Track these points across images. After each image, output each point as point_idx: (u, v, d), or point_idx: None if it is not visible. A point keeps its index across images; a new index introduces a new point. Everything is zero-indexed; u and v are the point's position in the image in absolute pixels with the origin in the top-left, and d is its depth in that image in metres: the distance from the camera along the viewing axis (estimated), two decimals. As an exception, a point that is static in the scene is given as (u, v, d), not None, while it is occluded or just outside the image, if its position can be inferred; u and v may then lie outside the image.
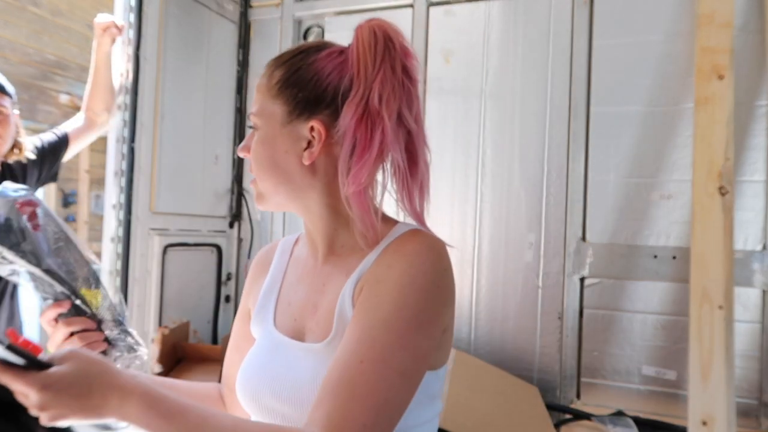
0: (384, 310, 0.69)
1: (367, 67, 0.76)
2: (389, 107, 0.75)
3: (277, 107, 0.79)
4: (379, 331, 0.68)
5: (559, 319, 2.08)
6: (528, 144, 2.16)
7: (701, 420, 1.59)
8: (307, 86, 0.78)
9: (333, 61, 0.79)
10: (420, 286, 0.71)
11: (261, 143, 0.80)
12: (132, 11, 2.04)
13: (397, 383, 0.67)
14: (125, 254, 2.03)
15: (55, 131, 2.02)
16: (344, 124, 0.75)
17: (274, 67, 0.82)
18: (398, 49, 0.78)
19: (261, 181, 0.82)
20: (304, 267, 0.88)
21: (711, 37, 1.75)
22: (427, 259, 0.73)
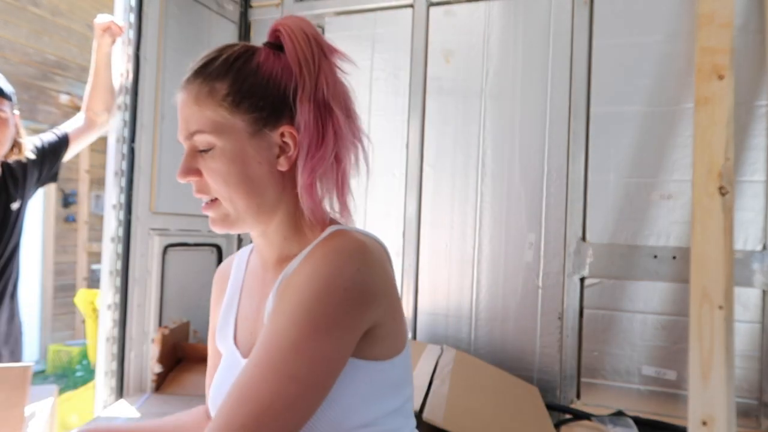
0: (284, 316, 0.68)
1: (308, 64, 0.75)
2: (337, 99, 0.76)
3: (238, 120, 0.75)
4: (274, 336, 0.68)
5: (559, 319, 2.08)
6: (528, 144, 2.16)
7: (701, 420, 1.59)
8: (266, 92, 0.76)
9: (277, 63, 0.77)
10: (319, 290, 0.68)
11: (228, 161, 0.75)
12: (132, 11, 2.04)
13: (288, 388, 0.65)
14: (125, 254, 2.03)
15: (55, 131, 2.02)
16: (302, 121, 0.75)
17: (209, 79, 0.77)
18: (326, 46, 0.78)
19: (231, 201, 0.77)
20: (255, 279, 0.87)
21: (711, 37, 1.75)
22: (333, 263, 0.70)
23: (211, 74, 0.77)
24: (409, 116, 2.34)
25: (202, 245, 2.43)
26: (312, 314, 0.67)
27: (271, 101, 0.76)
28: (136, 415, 1.82)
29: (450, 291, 2.26)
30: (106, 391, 1.99)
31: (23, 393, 1.24)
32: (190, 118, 0.77)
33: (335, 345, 0.68)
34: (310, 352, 0.67)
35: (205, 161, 0.77)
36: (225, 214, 0.79)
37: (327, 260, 0.70)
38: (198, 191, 0.79)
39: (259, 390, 0.65)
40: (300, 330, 0.67)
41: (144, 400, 1.98)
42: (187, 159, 0.78)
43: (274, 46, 0.79)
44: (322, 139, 0.75)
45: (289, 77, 0.76)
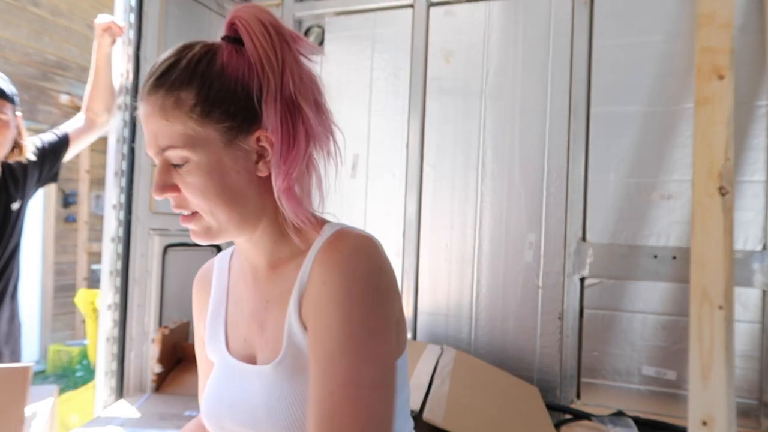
0: (334, 334, 0.67)
1: (270, 59, 0.70)
2: (304, 95, 0.72)
3: (210, 131, 0.70)
4: (337, 357, 0.66)
5: (559, 319, 2.08)
6: (528, 144, 2.16)
7: (701, 420, 1.59)
8: (235, 97, 0.71)
9: (241, 61, 0.71)
10: (359, 295, 0.68)
11: (206, 174, 0.71)
12: (132, 11, 2.04)
13: (372, 399, 0.65)
14: (125, 254, 2.03)
15: (55, 131, 2.02)
16: (270, 123, 0.71)
17: (173, 89, 0.70)
18: (287, 34, 0.72)
19: (212, 214, 0.73)
20: (244, 284, 0.84)
21: (711, 37, 1.75)
22: (358, 266, 0.70)
23: (174, 83, 0.70)
24: (409, 116, 2.34)
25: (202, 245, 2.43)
26: (361, 322, 0.67)
27: (242, 106, 0.71)
28: (137, 415, 1.82)
29: (450, 291, 2.26)
30: (106, 391, 1.99)
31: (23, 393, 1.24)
32: (159, 132, 0.71)
33: (388, 344, 0.70)
34: (375, 357, 0.67)
35: (181, 176, 0.72)
36: (207, 227, 0.75)
37: (353, 263, 0.70)
38: (177, 206, 0.75)
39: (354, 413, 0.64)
40: (361, 339, 0.67)
41: (144, 400, 1.98)
42: (162, 174, 0.73)
43: (234, 41, 0.73)
44: (293, 140, 0.71)
45: (254, 76, 0.71)
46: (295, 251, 0.78)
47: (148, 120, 0.72)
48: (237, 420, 0.76)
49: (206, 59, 0.71)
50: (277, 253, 0.79)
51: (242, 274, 0.85)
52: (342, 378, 0.66)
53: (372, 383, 0.66)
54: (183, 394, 2.03)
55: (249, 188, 0.74)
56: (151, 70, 0.73)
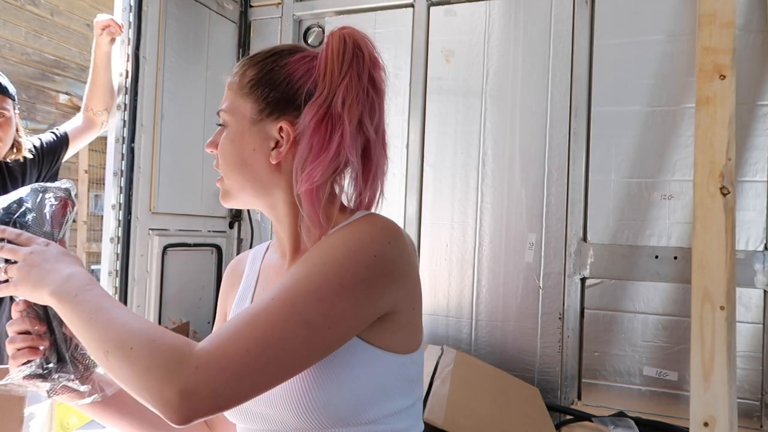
0: (309, 264, 0.70)
1: (333, 72, 0.77)
2: (351, 112, 0.77)
3: (248, 105, 0.81)
4: (296, 279, 0.68)
5: (560, 319, 2.08)
6: (529, 144, 2.16)
7: (703, 421, 1.58)
8: (278, 87, 0.80)
9: (304, 65, 0.80)
10: (351, 248, 0.70)
11: (229, 140, 0.82)
12: (132, 11, 2.03)
13: (298, 330, 0.65)
14: (125, 255, 2.02)
15: (54, 131, 2.02)
16: (303, 124, 0.76)
17: (247, 66, 0.83)
18: (367, 59, 0.80)
19: (227, 179, 0.84)
20: (275, 270, 0.89)
21: (712, 37, 1.75)
22: (368, 230, 0.73)
23: (250, 62, 0.83)
24: (410, 116, 2.33)
25: (201, 245, 2.43)
26: (341, 269, 0.68)
27: (280, 95, 0.79)
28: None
29: (450, 291, 2.25)
30: (105, 392, 1.98)
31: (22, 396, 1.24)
32: (226, 96, 0.84)
33: (354, 306, 0.69)
34: (330, 304, 0.67)
35: (220, 137, 0.83)
36: (225, 189, 0.85)
37: (361, 228, 0.73)
38: (215, 164, 0.85)
39: (271, 322, 0.64)
40: (326, 280, 0.67)
41: (143, 401, 1.97)
42: (215, 133, 0.85)
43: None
44: (326, 146, 0.76)
45: (308, 79, 0.79)
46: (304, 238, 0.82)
47: (227, 87, 0.84)
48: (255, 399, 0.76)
49: (282, 54, 0.82)
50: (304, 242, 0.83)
51: (273, 262, 0.91)
52: (287, 296, 0.66)
53: (309, 321, 0.65)
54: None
55: (260, 168, 0.81)
56: None
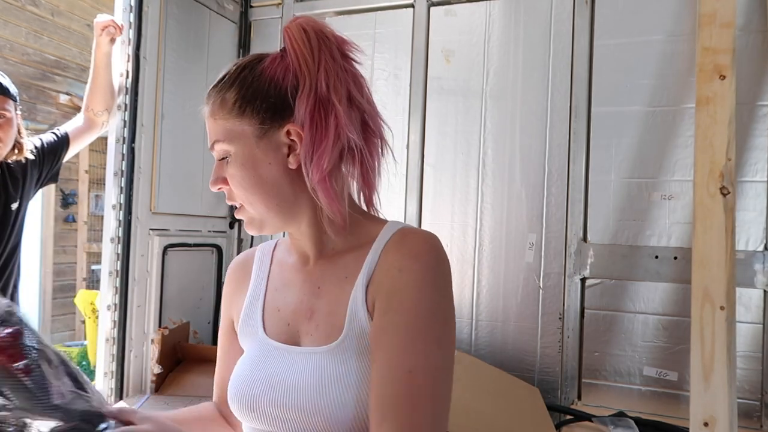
0: (414, 317, 0.73)
1: (307, 61, 0.77)
2: (337, 92, 0.77)
3: (245, 125, 0.79)
4: (417, 339, 0.72)
5: (560, 319, 2.08)
6: (529, 144, 2.16)
7: (703, 421, 1.58)
8: (267, 95, 0.79)
9: (279, 65, 0.80)
10: (436, 284, 0.75)
11: (240, 166, 0.79)
12: (132, 11, 2.03)
13: (444, 381, 0.73)
14: (125, 255, 2.02)
15: (55, 131, 2.02)
16: (300, 118, 0.77)
17: (221, 91, 0.81)
18: (331, 38, 0.79)
19: (250, 206, 0.81)
20: (292, 271, 0.88)
21: (713, 37, 1.75)
22: (433, 256, 0.76)
23: (222, 87, 0.81)
24: (410, 116, 2.33)
25: (202, 246, 2.43)
26: (438, 309, 0.74)
27: (273, 102, 0.78)
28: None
29: (450, 291, 2.25)
30: (105, 392, 1.98)
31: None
32: (210, 129, 0.82)
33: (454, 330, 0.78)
34: (447, 343, 0.75)
35: (226, 169, 0.81)
36: (250, 217, 0.83)
37: (429, 254, 0.76)
38: (228, 199, 0.83)
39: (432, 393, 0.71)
40: (438, 325, 0.74)
41: (144, 401, 1.97)
42: (216, 169, 0.83)
43: (284, 50, 0.81)
44: (324, 133, 0.76)
45: (290, 76, 0.78)
46: (352, 243, 0.82)
47: (206, 121, 0.83)
48: (277, 401, 0.76)
49: (251, 65, 0.81)
50: (330, 244, 0.84)
51: (289, 263, 0.89)
52: (423, 360, 0.71)
53: (444, 365, 0.73)
54: (183, 395, 2.02)
55: (282, 180, 0.79)
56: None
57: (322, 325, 0.80)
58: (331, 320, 0.79)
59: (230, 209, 2.56)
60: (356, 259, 0.80)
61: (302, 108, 0.76)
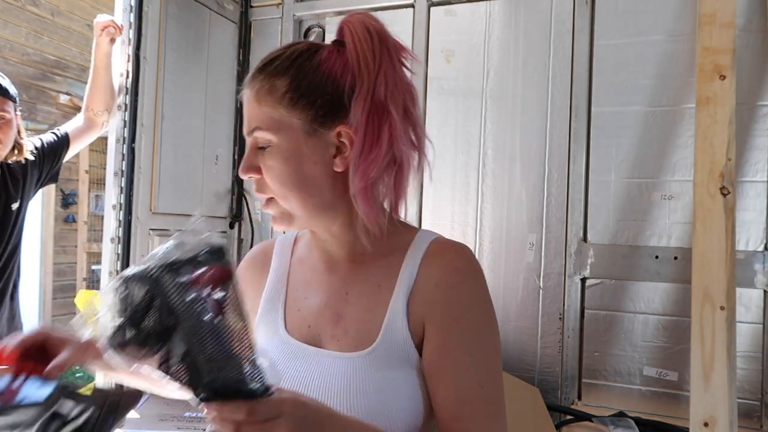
0: (474, 333, 0.76)
1: (368, 63, 0.74)
2: (395, 101, 0.75)
3: (295, 118, 0.75)
4: (481, 353, 0.76)
5: (560, 319, 2.08)
6: (529, 144, 2.16)
7: (703, 421, 1.58)
8: (324, 90, 0.75)
9: (338, 60, 0.76)
10: (485, 297, 0.79)
11: (283, 159, 0.75)
12: (132, 11, 2.03)
13: (502, 385, 0.77)
14: (125, 255, 2.02)
15: (55, 132, 2.02)
16: (354, 121, 0.74)
17: (270, 77, 0.76)
18: (392, 43, 0.77)
19: (284, 201, 0.77)
20: (313, 272, 0.86)
21: (713, 37, 1.75)
22: (478, 270, 0.80)
23: (272, 72, 0.77)
24: (410, 116, 2.33)
25: (202, 246, 2.42)
26: (493, 322, 0.79)
27: (329, 99, 0.75)
28: (136, 417, 1.81)
29: (451, 291, 2.25)
30: (105, 392, 1.98)
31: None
32: (252, 114, 0.77)
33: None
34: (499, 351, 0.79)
35: (263, 159, 0.76)
36: (281, 212, 0.79)
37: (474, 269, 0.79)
38: (257, 190, 0.79)
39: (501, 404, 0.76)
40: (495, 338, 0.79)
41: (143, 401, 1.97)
42: (249, 156, 0.78)
43: (340, 44, 0.78)
44: (376, 141, 0.74)
45: (348, 75, 0.75)
46: (382, 250, 0.81)
47: (246, 103, 0.78)
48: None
49: (306, 55, 0.77)
50: (360, 248, 0.81)
51: (309, 261, 0.87)
52: (487, 371, 0.75)
53: (501, 371, 0.78)
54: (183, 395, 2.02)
55: (324, 180, 0.77)
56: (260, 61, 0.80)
57: (352, 331, 0.79)
58: (363, 327, 0.78)
59: (230, 209, 2.56)
60: (389, 268, 0.80)
61: (358, 111, 0.73)
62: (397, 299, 0.77)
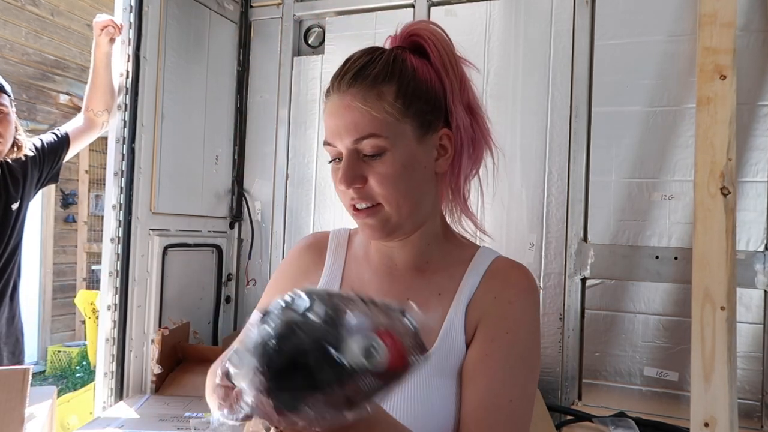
0: (519, 349, 0.77)
1: (454, 69, 0.78)
2: (475, 101, 0.80)
3: (407, 124, 0.75)
4: (519, 370, 0.76)
5: (560, 319, 2.08)
6: (529, 144, 2.16)
7: (703, 421, 1.58)
8: (427, 97, 0.77)
9: (427, 66, 0.78)
10: (538, 319, 0.81)
11: (401, 166, 0.74)
12: (132, 11, 2.03)
13: (532, 407, 0.78)
14: (125, 255, 2.02)
15: (55, 132, 2.02)
16: (459, 124, 0.77)
17: (376, 82, 0.74)
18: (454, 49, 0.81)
19: (397, 208, 0.76)
20: (371, 273, 0.86)
21: (713, 37, 1.75)
22: (537, 293, 0.83)
23: (377, 77, 0.74)
24: (410, 116, 2.33)
25: (202, 246, 2.43)
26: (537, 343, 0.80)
27: (434, 105, 0.77)
28: (136, 417, 1.81)
29: (451, 292, 2.25)
30: (105, 393, 1.98)
31: (23, 396, 1.24)
32: (360, 121, 0.73)
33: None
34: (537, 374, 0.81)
35: (372, 166, 0.74)
36: (386, 219, 0.77)
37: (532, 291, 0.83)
38: (360, 198, 0.76)
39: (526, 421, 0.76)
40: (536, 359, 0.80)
41: (144, 401, 1.97)
42: (352, 165, 0.74)
43: (415, 51, 0.79)
44: (475, 142, 0.79)
45: (438, 82, 0.78)
46: (447, 260, 0.83)
47: (346, 110, 0.74)
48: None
49: (399, 60, 0.77)
50: (426, 257, 0.83)
51: (368, 263, 0.87)
52: (521, 389, 0.75)
53: (534, 394, 0.78)
54: (183, 395, 2.02)
55: (429, 185, 0.79)
56: (344, 67, 0.78)
57: None
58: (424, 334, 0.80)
59: (230, 209, 2.56)
60: (451, 279, 0.81)
61: (459, 113, 0.77)
62: (456, 309, 0.79)
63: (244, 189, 2.58)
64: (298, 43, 2.57)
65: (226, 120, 2.54)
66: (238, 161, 2.58)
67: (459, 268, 0.82)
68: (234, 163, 2.58)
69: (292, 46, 2.53)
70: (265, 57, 2.57)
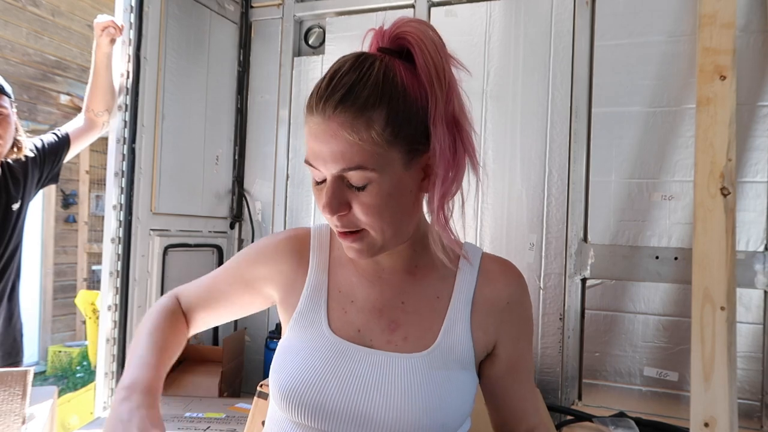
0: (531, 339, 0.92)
1: (441, 79, 0.71)
2: (463, 115, 0.74)
3: (395, 152, 0.70)
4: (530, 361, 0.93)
5: (560, 320, 2.08)
6: (529, 145, 2.16)
7: (703, 421, 1.58)
8: (416, 119, 0.71)
9: (413, 81, 0.71)
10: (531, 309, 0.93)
11: (386, 195, 0.71)
12: (132, 11, 2.03)
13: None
14: (125, 255, 2.02)
15: (55, 132, 2.02)
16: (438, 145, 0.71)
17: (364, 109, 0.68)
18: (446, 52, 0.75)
19: (381, 232, 0.74)
20: (358, 276, 0.85)
21: (713, 38, 1.75)
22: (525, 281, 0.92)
23: (366, 103, 0.68)
24: (410, 117, 2.33)
25: (202, 246, 2.43)
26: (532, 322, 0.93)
27: (420, 128, 0.71)
28: (137, 417, 1.81)
29: (451, 292, 2.25)
30: (106, 393, 1.98)
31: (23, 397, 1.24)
32: (346, 152, 0.68)
33: None
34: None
35: (357, 195, 0.71)
36: (372, 243, 0.76)
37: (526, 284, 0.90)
38: (344, 225, 0.74)
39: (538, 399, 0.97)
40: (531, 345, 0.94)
41: (144, 401, 1.97)
42: (336, 194, 0.71)
43: (401, 55, 0.73)
44: (454, 157, 0.73)
45: (424, 94, 0.71)
46: (437, 262, 0.84)
47: (332, 138, 0.69)
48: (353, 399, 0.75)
49: (389, 77, 0.70)
50: (415, 261, 0.85)
51: (353, 265, 0.86)
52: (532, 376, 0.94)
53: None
54: (183, 395, 2.02)
55: (413, 206, 0.78)
56: (328, 84, 0.71)
57: (412, 338, 0.81)
58: (422, 333, 0.82)
59: (230, 209, 2.56)
60: (443, 279, 0.84)
61: (439, 132, 0.71)
62: (455, 307, 0.82)
63: (245, 189, 2.58)
64: (299, 44, 2.57)
65: (227, 120, 2.54)
66: (239, 161, 2.58)
67: (449, 268, 0.85)
68: (234, 163, 2.58)
69: (293, 47, 2.53)
70: (265, 57, 2.57)
